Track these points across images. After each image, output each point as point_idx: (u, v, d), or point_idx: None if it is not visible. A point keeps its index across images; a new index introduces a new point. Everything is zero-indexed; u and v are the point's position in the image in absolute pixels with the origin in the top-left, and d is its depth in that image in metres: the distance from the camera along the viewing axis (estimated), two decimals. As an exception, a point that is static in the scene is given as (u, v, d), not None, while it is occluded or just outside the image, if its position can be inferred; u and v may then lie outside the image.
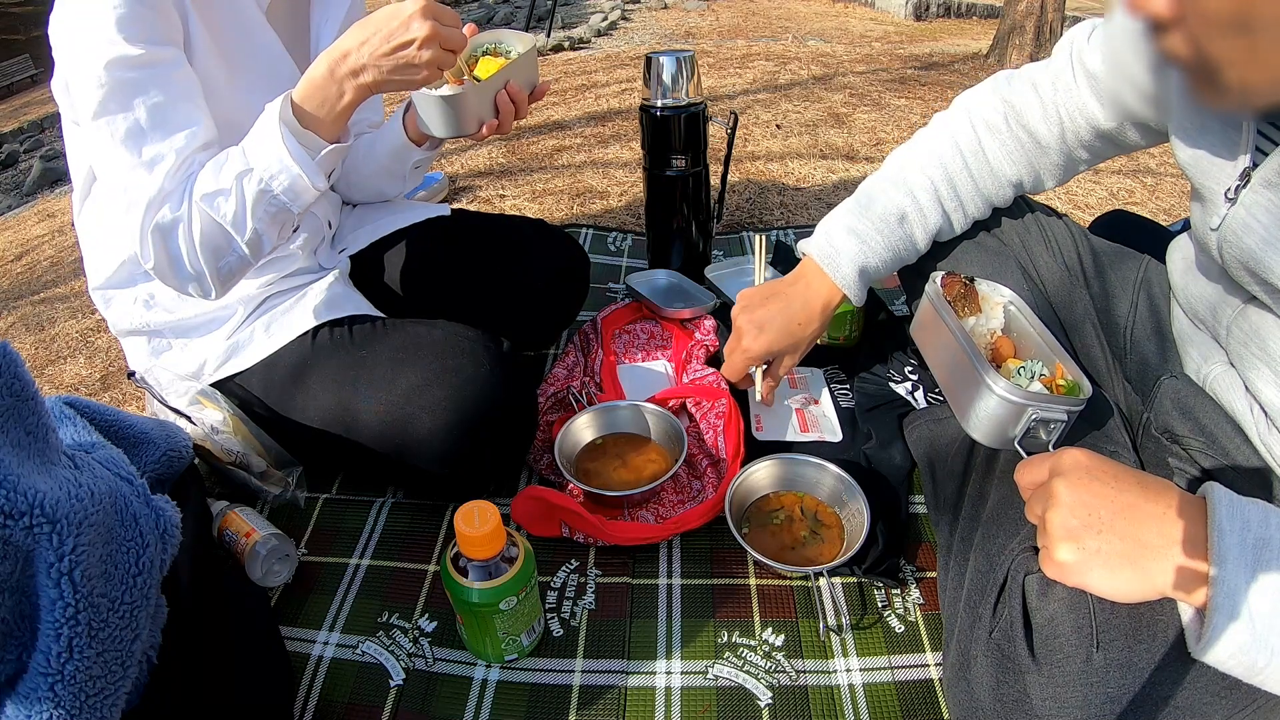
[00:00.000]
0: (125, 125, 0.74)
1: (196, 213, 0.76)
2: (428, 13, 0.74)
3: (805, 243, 0.89)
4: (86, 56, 0.72)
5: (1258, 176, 0.59)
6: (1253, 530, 0.48)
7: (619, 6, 5.17)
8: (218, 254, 0.79)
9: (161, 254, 0.77)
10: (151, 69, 0.74)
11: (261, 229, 0.78)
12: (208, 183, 0.76)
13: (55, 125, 8.80)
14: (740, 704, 0.72)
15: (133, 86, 0.74)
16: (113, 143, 0.74)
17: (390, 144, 1.03)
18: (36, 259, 2.11)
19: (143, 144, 0.75)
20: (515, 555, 0.70)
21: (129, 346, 0.99)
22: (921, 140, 0.86)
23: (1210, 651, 0.48)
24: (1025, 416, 0.71)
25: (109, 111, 0.74)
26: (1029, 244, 0.95)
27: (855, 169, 2.13)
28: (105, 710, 0.52)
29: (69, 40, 0.74)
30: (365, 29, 0.75)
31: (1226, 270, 0.66)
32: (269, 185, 0.76)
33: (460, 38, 0.78)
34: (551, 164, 2.21)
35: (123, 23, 0.72)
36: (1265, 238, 0.58)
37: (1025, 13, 3.62)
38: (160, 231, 0.76)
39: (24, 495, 0.48)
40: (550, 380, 1.11)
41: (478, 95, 0.86)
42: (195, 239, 0.77)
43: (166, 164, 0.75)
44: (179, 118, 0.76)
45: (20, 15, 8.84)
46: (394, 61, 0.75)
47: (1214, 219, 0.64)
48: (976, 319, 0.87)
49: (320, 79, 0.76)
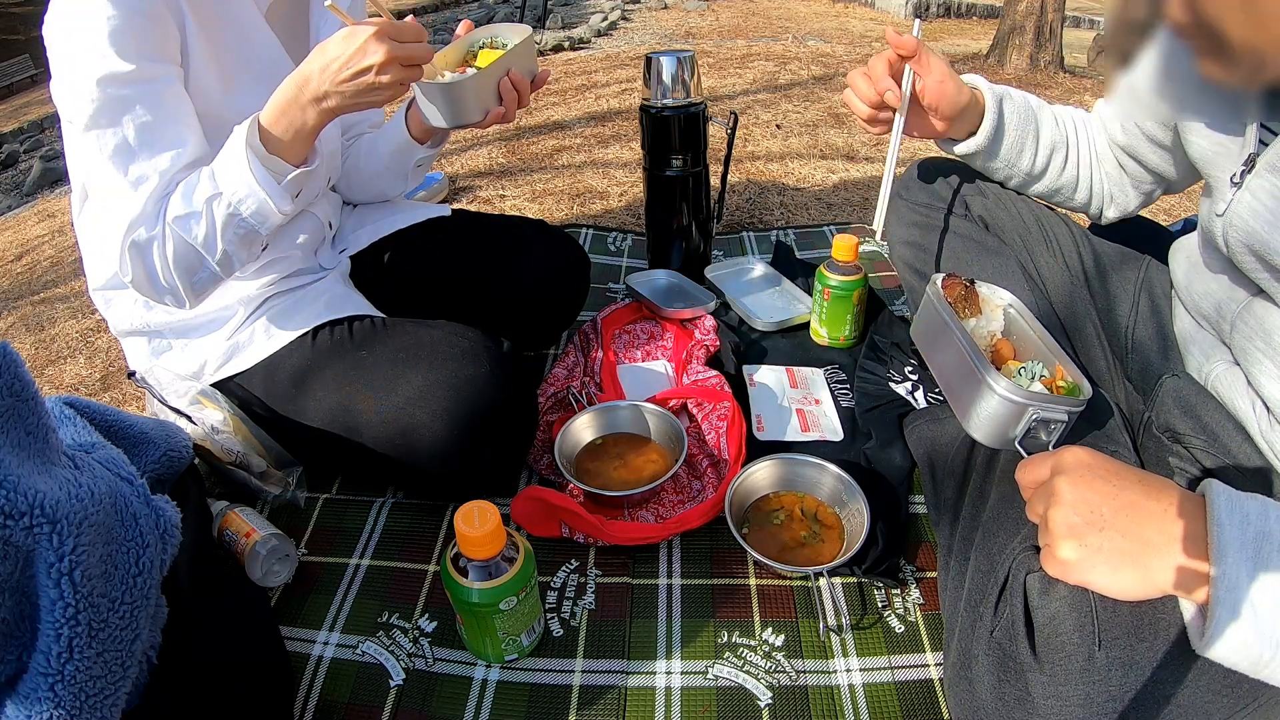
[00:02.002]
0: (114, 142, 0.75)
1: (170, 234, 0.77)
2: (383, 35, 0.73)
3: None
4: (79, 67, 0.73)
5: (1262, 161, 0.61)
6: (1252, 524, 0.48)
7: (619, 6, 5.17)
8: (190, 271, 0.80)
9: (139, 270, 0.79)
10: (142, 86, 0.75)
11: (231, 250, 0.80)
12: (179, 205, 0.77)
13: (55, 125, 8.80)
14: (740, 704, 0.72)
15: (122, 104, 0.74)
16: (101, 156, 0.75)
17: (392, 143, 1.03)
18: (36, 259, 2.11)
19: (129, 163, 0.76)
20: (515, 555, 0.70)
21: (129, 347, 1.00)
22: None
23: (1214, 647, 0.48)
24: (1026, 416, 0.71)
25: (99, 125, 0.74)
26: (1030, 244, 0.95)
27: (855, 169, 2.13)
28: (105, 710, 0.52)
29: (63, 47, 0.74)
30: (325, 54, 0.74)
31: (1232, 256, 0.67)
32: (237, 209, 0.77)
33: (423, 51, 0.77)
34: (551, 164, 2.21)
35: (115, 36, 0.72)
36: (1269, 220, 0.60)
37: (1025, 13, 3.62)
38: (137, 250, 0.78)
39: (24, 495, 0.48)
40: (550, 380, 1.11)
41: (480, 82, 0.86)
42: (169, 258, 0.78)
43: (150, 185, 0.76)
44: (167, 138, 0.77)
45: (20, 15, 8.85)
46: (355, 87, 0.75)
47: (1220, 205, 0.66)
48: (977, 321, 0.87)
49: (285, 103, 0.76)
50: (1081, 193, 0.92)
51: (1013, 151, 0.90)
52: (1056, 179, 0.92)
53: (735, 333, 1.24)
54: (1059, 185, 0.92)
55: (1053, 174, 0.92)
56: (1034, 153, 0.90)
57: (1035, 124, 0.90)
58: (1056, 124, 0.91)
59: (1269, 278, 0.64)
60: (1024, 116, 0.89)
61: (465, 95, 0.86)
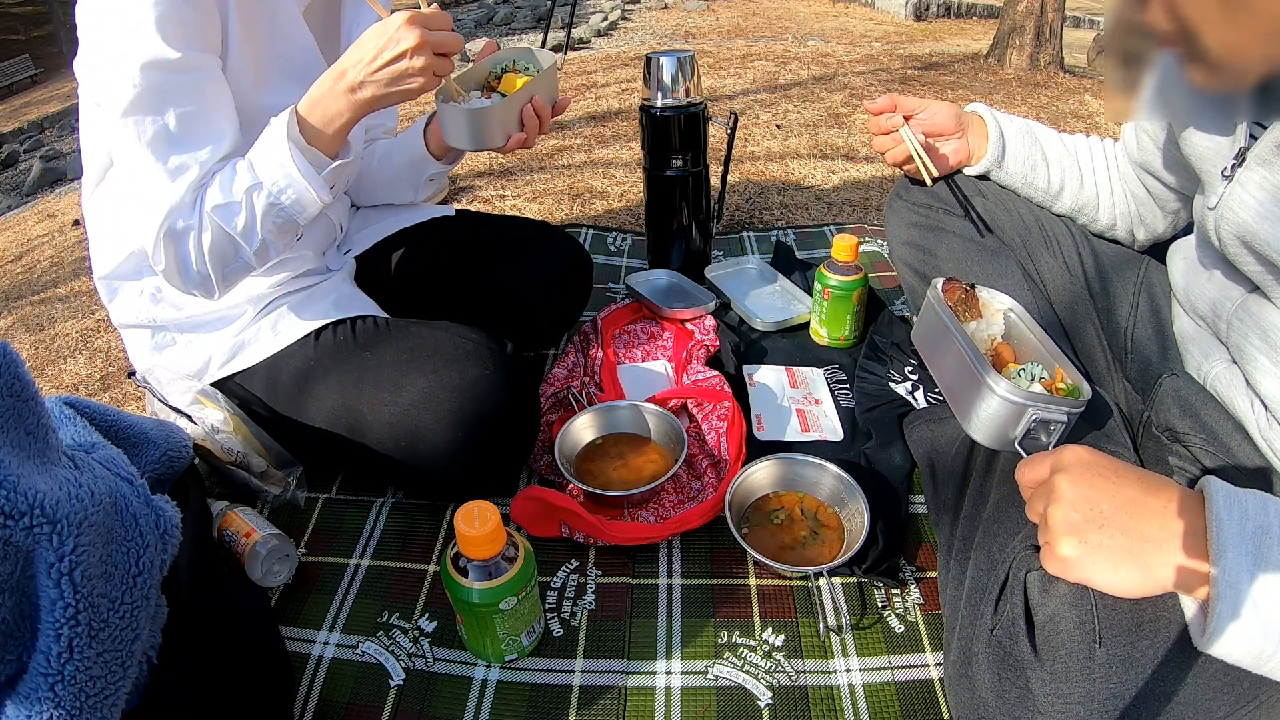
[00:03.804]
0: (154, 129, 0.75)
1: (208, 223, 0.78)
2: (414, 21, 0.75)
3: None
4: (122, 51, 0.72)
5: (1252, 155, 0.62)
6: (1251, 519, 0.48)
7: (619, 6, 5.18)
8: (224, 261, 0.81)
9: (171, 258, 0.79)
10: (186, 75, 0.75)
11: (270, 239, 0.81)
12: (217, 195, 0.77)
13: (55, 125, 8.77)
14: (740, 704, 0.72)
15: (166, 92, 0.74)
16: (139, 143, 0.75)
17: (408, 154, 1.04)
18: (36, 259, 2.12)
19: (170, 152, 0.76)
20: (515, 555, 0.70)
21: (130, 340, 0.99)
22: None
23: (1216, 644, 0.48)
24: (1026, 417, 0.71)
25: (139, 112, 0.74)
26: (1030, 245, 0.95)
27: (855, 169, 2.13)
28: (105, 710, 0.52)
29: (103, 28, 0.73)
30: (360, 48, 0.76)
31: (1224, 250, 0.68)
32: (277, 199, 0.78)
33: (454, 40, 0.78)
34: (551, 164, 2.21)
35: (163, 22, 0.71)
36: (1259, 211, 0.61)
37: (1025, 13, 3.62)
38: (173, 238, 0.78)
39: (24, 495, 0.48)
40: (550, 380, 1.11)
41: (504, 109, 0.88)
42: (205, 247, 0.79)
43: (190, 175, 0.77)
44: (208, 129, 0.77)
45: (20, 15, 8.84)
46: (389, 74, 0.76)
47: (1212, 199, 0.67)
48: (977, 324, 0.87)
49: (321, 96, 0.78)
50: (1105, 213, 0.94)
51: (1027, 168, 0.94)
52: (1077, 197, 0.94)
53: (735, 333, 1.24)
54: (1081, 204, 0.94)
55: (1071, 192, 0.94)
56: (1047, 172, 0.94)
57: (1040, 145, 0.94)
58: (1063, 145, 0.95)
59: (1262, 270, 0.64)
60: (1026, 137, 0.95)
61: (490, 120, 0.88)
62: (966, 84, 3.39)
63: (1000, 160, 0.95)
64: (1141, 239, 0.94)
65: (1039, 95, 3.29)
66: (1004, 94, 3.27)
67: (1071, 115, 2.99)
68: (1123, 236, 0.95)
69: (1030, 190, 0.96)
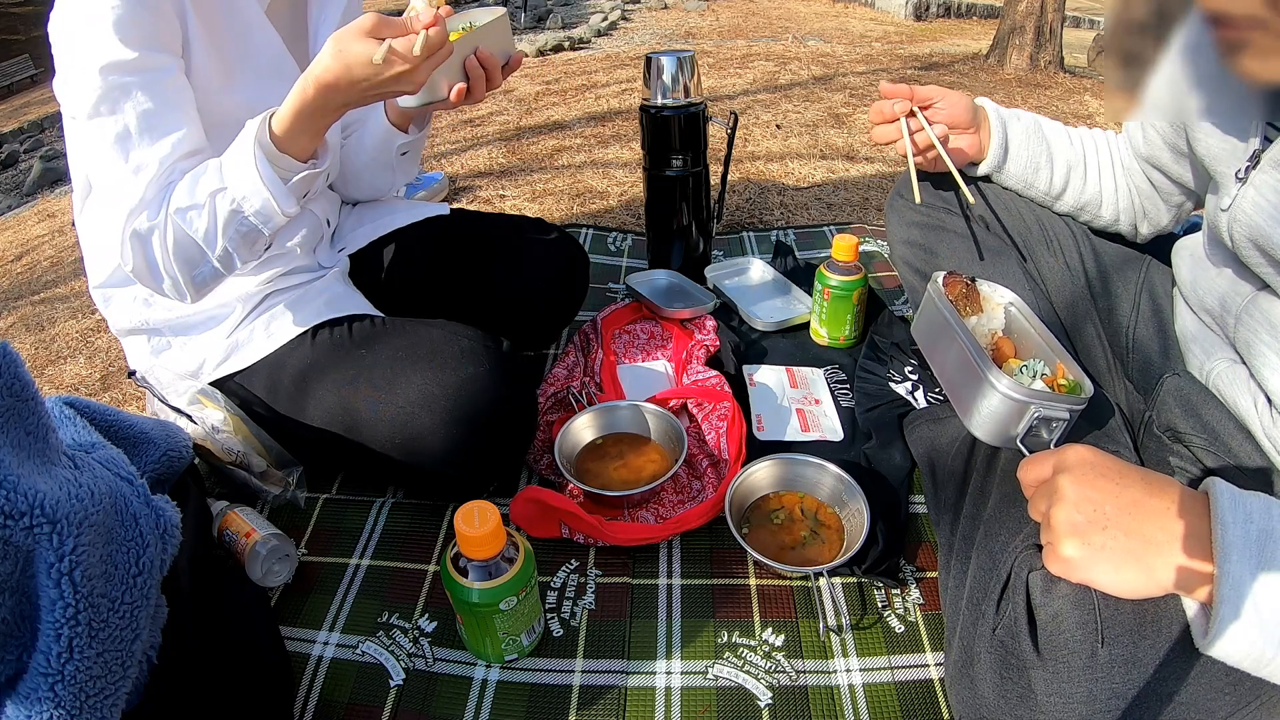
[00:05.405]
0: (115, 129, 0.75)
1: (170, 225, 0.77)
2: (412, 62, 0.71)
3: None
4: (83, 58, 0.73)
5: (1267, 157, 0.62)
6: (1255, 522, 0.48)
7: (619, 6, 5.18)
8: (191, 264, 0.80)
9: (139, 259, 0.79)
10: (144, 74, 0.75)
11: (232, 248, 0.79)
12: (183, 196, 0.77)
13: (55, 125, 8.82)
14: (740, 704, 0.72)
15: (124, 91, 0.74)
16: (104, 145, 0.75)
17: (374, 135, 1.03)
18: (36, 259, 2.11)
19: (129, 149, 0.76)
20: (515, 555, 0.70)
21: (129, 345, 0.99)
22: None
23: (1217, 645, 0.48)
24: (1028, 414, 0.71)
25: (101, 114, 0.74)
26: (1031, 244, 0.95)
27: (855, 169, 2.13)
28: (105, 710, 0.52)
29: (68, 39, 0.74)
30: (351, 73, 0.71)
31: (1237, 251, 0.68)
32: (240, 206, 0.76)
33: (445, 53, 0.76)
34: (551, 164, 2.21)
35: (120, 25, 0.72)
36: (1273, 214, 0.61)
37: (1025, 13, 3.62)
38: (138, 238, 0.77)
39: (24, 495, 0.48)
40: (550, 380, 1.11)
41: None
42: (169, 248, 0.78)
43: (149, 172, 0.76)
44: (167, 124, 0.77)
45: (20, 15, 8.85)
46: (382, 94, 0.74)
47: (1225, 200, 0.67)
48: (978, 319, 0.87)
49: (302, 105, 0.74)
50: (1108, 209, 0.93)
51: (1028, 171, 0.93)
52: (1079, 196, 0.93)
53: (735, 333, 1.24)
54: (1083, 203, 0.94)
55: (1074, 191, 0.93)
56: (1050, 172, 0.93)
57: (1047, 144, 0.93)
58: (1071, 143, 0.94)
59: (1273, 272, 0.64)
60: (1033, 137, 0.93)
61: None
62: (967, 84, 3.40)
63: (1001, 165, 0.94)
64: (1144, 233, 0.93)
65: (1039, 95, 3.29)
66: (1004, 94, 3.28)
67: (1071, 115, 2.99)
68: (1125, 231, 0.95)
69: (1030, 193, 0.96)
